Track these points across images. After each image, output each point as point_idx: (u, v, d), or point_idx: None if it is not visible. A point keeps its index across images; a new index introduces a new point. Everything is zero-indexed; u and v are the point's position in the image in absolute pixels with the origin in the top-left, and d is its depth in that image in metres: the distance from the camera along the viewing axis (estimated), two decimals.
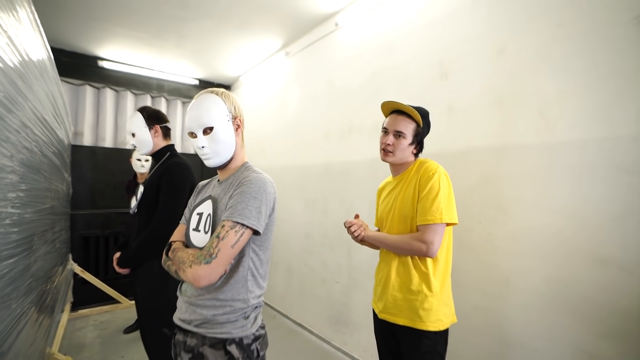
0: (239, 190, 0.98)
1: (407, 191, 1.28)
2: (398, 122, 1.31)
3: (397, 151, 1.31)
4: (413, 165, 1.33)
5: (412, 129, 1.31)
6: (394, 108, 1.35)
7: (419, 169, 1.28)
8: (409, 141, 1.30)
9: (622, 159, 1.28)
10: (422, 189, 1.23)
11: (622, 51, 1.29)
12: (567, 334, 1.39)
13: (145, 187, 1.66)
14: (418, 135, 1.32)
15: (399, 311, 1.25)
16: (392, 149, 1.31)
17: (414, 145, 1.32)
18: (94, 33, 3.24)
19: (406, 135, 1.30)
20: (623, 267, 1.26)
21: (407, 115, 1.31)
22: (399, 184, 1.34)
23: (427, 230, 1.19)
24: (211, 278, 0.89)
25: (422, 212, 1.20)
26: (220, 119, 1.05)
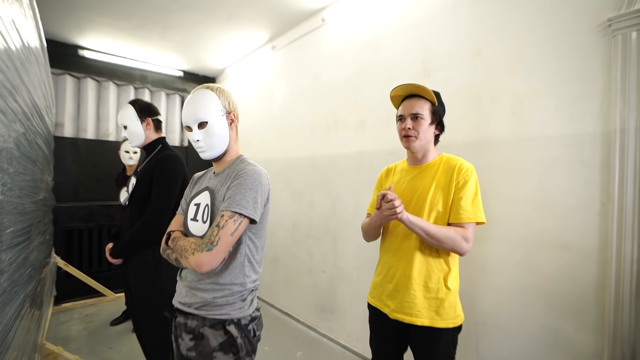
0: (236, 182, 1.04)
1: (438, 183, 1.23)
2: (413, 105, 1.26)
3: (420, 133, 1.24)
4: (439, 159, 1.28)
5: (428, 109, 1.25)
6: (406, 93, 1.29)
7: (449, 164, 1.24)
8: (428, 121, 1.25)
9: (584, 154, 1.42)
10: (461, 186, 1.19)
11: (586, 57, 1.42)
12: (534, 313, 1.53)
13: (137, 178, 1.68)
14: (436, 114, 1.26)
15: (418, 311, 1.19)
16: (413, 132, 1.24)
17: (434, 126, 1.27)
18: (75, 21, 3.16)
19: (424, 115, 1.24)
20: (582, 252, 1.41)
21: (420, 97, 1.26)
22: (422, 173, 1.28)
23: (470, 229, 1.17)
24: (213, 264, 0.96)
25: (464, 210, 1.17)
26: (214, 114, 1.10)
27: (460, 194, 1.19)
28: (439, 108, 1.28)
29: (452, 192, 1.20)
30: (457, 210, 1.18)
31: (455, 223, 1.19)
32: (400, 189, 1.33)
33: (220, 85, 1.18)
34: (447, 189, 1.21)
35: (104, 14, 2.99)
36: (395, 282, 1.25)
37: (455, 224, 1.19)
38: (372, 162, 2.35)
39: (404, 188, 1.32)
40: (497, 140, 1.69)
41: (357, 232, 2.44)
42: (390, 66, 2.25)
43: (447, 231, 1.16)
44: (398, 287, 1.24)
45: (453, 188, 1.20)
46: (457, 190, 1.20)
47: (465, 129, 1.82)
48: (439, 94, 1.30)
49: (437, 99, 1.27)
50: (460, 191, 1.19)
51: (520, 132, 1.61)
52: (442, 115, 1.31)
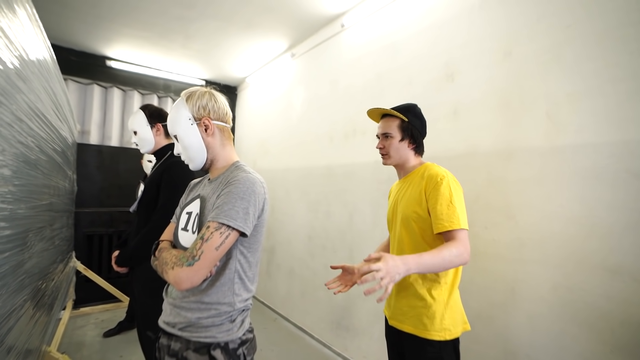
0: (226, 190, 0.95)
1: (411, 194, 1.25)
2: (382, 125, 1.35)
3: (391, 151, 1.32)
4: (419, 169, 1.30)
5: (396, 127, 1.31)
6: (379, 114, 1.38)
7: (424, 173, 1.25)
8: (397, 138, 1.30)
9: (633, 163, 1.23)
10: (431, 195, 1.17)
11: (634, 53, 1.24)
12: (575, 345, 1.33)
13: (145, 185, 1.65)
14: (406, 130, 1.30)
15: (405, 318, 1.22)
16: (385, 151, 1.34)
17: (406, 141, 1.31)
18: (102, 33, 3.27)
19: (392, 134, 1.31)
20: (634, 277, 1.20)
21: (390, 116, 1.33)
22: (404, 186, 1.32)
23: (458, 236, 1.11)
24: (193, 281, 0.86)
25: (439, 218, 1.13)
26: (181, 125, 1.04)
27: (432, 202, 1.17)
28: (409, 123, 1.31)
29: (424, 203, 1.20)
30: (435, 220, 1.15)
31: (438, 233, 1.16)
32: (392, 204, 1.40)
33: (197, 89, 1.09)
34: (418, 197, 1.22)
35: (128, 24, 3.07)
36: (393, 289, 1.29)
37: (441, 234, 1.15)
38: (390, 172, 2.21)
39: (393, 202, 1.38)
40: (529, 148, 1.52)
41: (375, 245, 2.30)
42: (411, 70, 2.12)
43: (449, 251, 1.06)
44: (391, 295, 1.30)
45: (424, 197, 1.20)
46: (428, 199, 1.18)
47: (493, 136, 1.66)
48: (412, 106, 1.34)
49: (407, 113, 1.30)
50: (431, 200, 1.17)
51: (557, 140, 1.44)
52: (418, 127, 1.32)
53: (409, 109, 1.33)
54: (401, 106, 1.34)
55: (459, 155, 1.80)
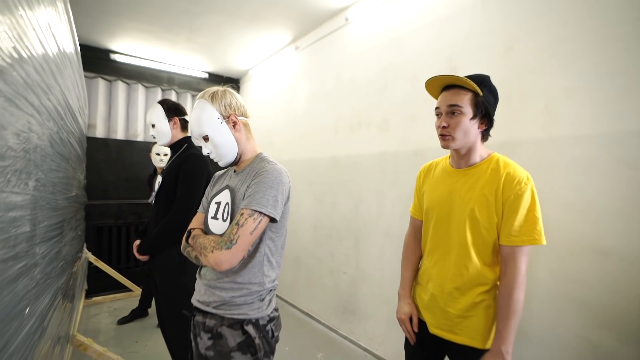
0: (256, 180, 1.03)
1: (482, 192, 1.06)
2: (449, 97, 1.08)
3: (458, 132, 1.06)
4: (488, 161, 1.11)
5: (469, 100, 1.06)
6: (443, 84, 1.12)
7: (498, 169, 1.07)
8: (469, 116, 1.06)
9: (624, 153, 1.32)
10: (512, 201, 1.02)
11: (627, 49, 1.32)
12: (570, 323, 1.44)
13: (163, 177, 1.73)
14: (480, 106, 1.06)
15: (457, 328, 1.11)
16: (449, 131, 1.07)
17: (477, 121, 1.08)
18: (107, 27, 3.30)
19: (463, 109, 1.05)
20: (624, 259, 1.31)
21: (461, 87, 1.08)
22: (465, 177, 1.13)
23: (524, 255, 1.03)
24: (232, 262, 0.95)
25: (515, 230, 1.01)
26: (211, 125, 1.09)
27: (512, 211, 1.02)
28: (483, 98, 1.07)
29: (499, 207, 1.04)
30: (508, 231, 1.03)
31: (506, 246, 1.04)
32: (436, 195, 1.19)
33: (217, 88, 1.14)
34: (492, 201, 1.04)
35: (133, 18, 3.10)
36: (430, 294, 1.17)
37: (506, 247, 1.05)
38: (395, 162, 2.30)
39: (442, 195, 1.16)
40: (528, 140, 1.61)
41: (380, 234, 2.40)
42: (415, 64, 2.19)
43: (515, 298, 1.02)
44: (435, 300, 1.15)
45: (501, 202, 1.03)
46: (507, 205, 1.03)
47: (494, 129, 1.72)
48: (486, 78, 1.11)
49: (482, 85, 1.07)
50: (511, 207, 1.02)
51: (554, 131, 1.52)
52: (492, 105, 1.11)
53: (483, 81, 1.09)
54: (475, 77, 1.09)
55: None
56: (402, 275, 1.32)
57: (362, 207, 2.58)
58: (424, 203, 1.26)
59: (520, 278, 1.03)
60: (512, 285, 1.02)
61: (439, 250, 1.17)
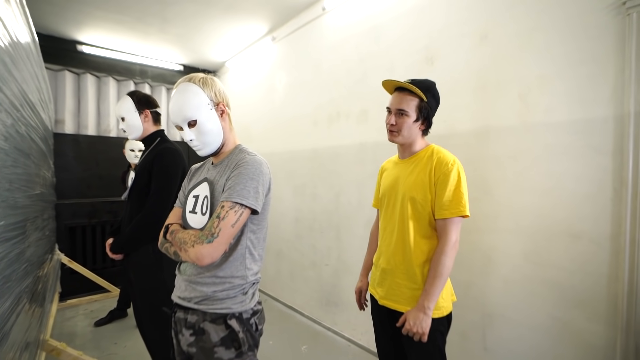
0: (236, 172, 1.00)
1: (418, 175, 1.24)
2: (400, 100, 1.26)
3: (403, 130, 1.26)
4: (425, 151, 1.29)
5: (414, 106, 1.24)
6: (395, 86, 1.30)
7: (432, 157, 1.24)
8: (413, 118, 1.24)
9: (595, 140, 1.36)
10: (440, 180, 1.19)
11: (598, 37, 1.36)
12: (543, 305, 1.49)
13: (136, 172, 1.66)
14: (423, 111, 1.25)
15: (401, 298, 1.24)
16: (396, 128, 1.27)
17: (419, 122, 1.26)
18: (72, 15, 3.12)
19: (409, 112, 1.24)
20: (594, 241, 1.36)
21: (410, 92, 1.25)
22: (408, 166, 1.30)
23: (454, 225, 1.18)
24: (213, 256, 0.92)
25: (445, 205, 1.18)
26: (202, 110, 1.05)
27: (441, 188, 1.19)
28: (427, 104, 1.26)
29: (432, 186, 1.21)
30: (440, 206, 1.19)
31: (440, 219, 1.20)
32: (387, 183, 1.38)
33: (204, 75, 1.11)
34: (426, 182, 1.22)
35: (101, 7, 2.94)
36: (381, 270, 1.33)
37: (439, 220, 1.21)
38: (375, 153, 2.30)
39: (391, 182, 1.35)
40: (504, 127, 1.64)
41: (361, 225, 2.41)
42: (392, 54, 2.19)
43: (442, 259, 1.16)
44: (384, 275, 1.31)
45: (433, 182, 1.21)
46: (437, 184, 1.20)
47: (470, 117, 1.77)
48: (432, 85, 1.28)
49: (427, 92, 1.25)
50: (440, 186, 1.19)
51: (528, 119, 1.55)
52: (433, 109, 1.29)
53: (429, 88, 1.26)
54: (422, 83, 1.26)
55: (439, 135, 1.89)
56: (364, 259, 1.54)
57: (342, 198, 2.57)
58: (380, 192, 1.44)
59: (449, 245, 1.17)
60: (442, 250, 1.17)
61: (388, 228, 1.33)
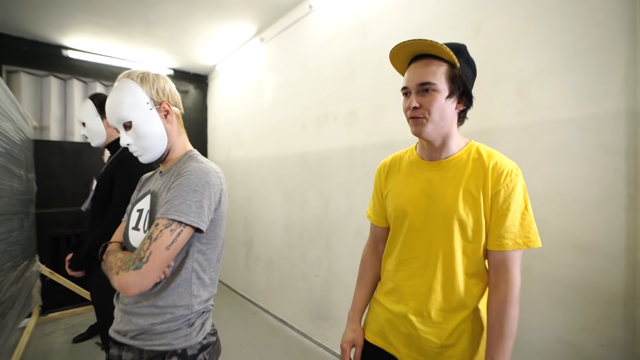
0: (176, 182, 0.86)
1: (466, 186, 0.87)
2: (421, 71, 0.85)
3: (433, 113, 0.85)
4: (466, 150, 0.92)
5: (444, 74, 0.84)
6: (411, 53, 0.88)
7: (481, 160, 0.88)
8: (445, 93, 0.85)
9: (603, 138, 1.20)
10: (501, 196, 0.84)
11: (605, 22, 1.20)
12: (549, 325, 1.32)
13: (98, 181, 1.52)
14: (457, 81, 0.85)
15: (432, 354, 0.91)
16: (422, 112, 0.85)
17: (455, 100, 0.87)
18: (55, 19, 3.02)
19: (437, 85, 0.83)
20: (606, 255, 1.19)
21: (432, 58, 0.85)
22: (442, 171, 0.91)
23: (518, 261, 0.85)
24: (142, 286, 0.77)
25: (510, 232, 0.84)
26: (138, 110, 0.91)
27: (503, 208, 0.84)
28: (461, 71, 0.86)
29: (487, 204, 0.85)
30: (499, 232, 0.84)
31: (497, 251, 0.85)
32: (407, 194, 0.95)
33: (146, 70, 0.97)
34: (479, 198, 0.85)
35: (83, 9, 2.84)
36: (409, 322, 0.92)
37: (496, 252, 0.85)
38: (364, 157, 2.15)
39: (415, 194, 0.94)
40: (500, 126, 1.48)
41: (350, 233, 2.25)
42: (381, 51, 2.04)
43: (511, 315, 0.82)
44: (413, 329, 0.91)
45: (489, 198, 0.85)
46: (495, 202, 0.85)
47: None
48: (463, 47, 0.89)
49: (459, 55, 0.86)
50: (502, 204, 0.84)
51: (527, 117, 1.40)
52: (470, 79, 0.90)
53: (460, 50, 0.87)
54: (448, 44, 0.86)
55: None
56: (355, 295, 1.12)
57: (331, 205, 2.42)
58: (388, 205, 1.01)
59: (515, 290, 0.83)
60: (507, 299, 0.83)
61: (416, 262, 0.93)
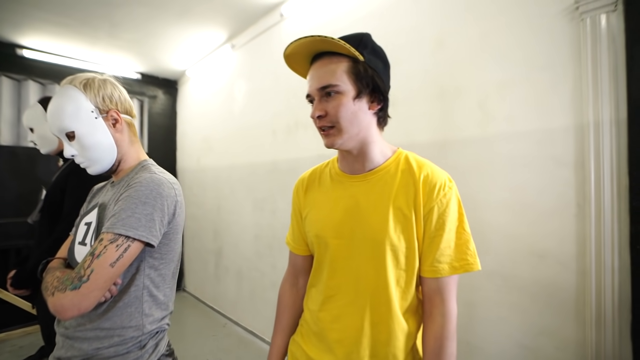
0: (125, 194, 0.81)
1: (395, 203, 0.74)
2: (319, 73, 0.73)
3: (341, 119, 0.71)
4: (395, 160, 0.79)
5: (345, 71, 0.71)
6: (310, 54, 0.76)
7: (411, 171, 0.76)
8: (351, 94, 0.71)
9: (556, 150, 1.27)
10: (434, 214, 0.73)
11: (554, 42, 1.27)
12: (510, 331, 1.36)
13: (48, 191, 1.42)
14: (364, 77, 0.71)
15: None
16: (329, 121, 0.73)
17: (366, 100, 0.73)
18: (6, 15, 2.82)
19: (340, 86, 0.71)
20: (559, 261, 1.24)
21: (331, 55, 0.73)
22: (368, 185, 0.78)
23: (454, 287, 0.74)
24: (81, 307, 0.70)
25: (446, 254, 0.73)
26: (81, 120, 0.86)
27: (436, 228, 0.73)
28: (367, 65, 0.72)
29: (419, 224, 0.74)
30: (434, 256, 0.73)
31: (431, 278, 0.74)
32: (328, 215, 0.80)
33: (91, 75, 0.92)
34: (409, 216, 0.73)
35: (40, 7, 2.68)
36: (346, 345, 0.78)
37: (431, 280, 0.74)
38: None
39: (337, 214, 0.79)
40: (463, 138, 1.53)
41: None
42: None
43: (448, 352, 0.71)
44: None
45: (422, 217, 0.74)
46: (428, 221, 0.74)
47: (429, 127, 1.66)
48: (366, 37, 0.75)
49: (365, 46, 0.72)
50: (435, 224, 0.73)
51: (489, 128, 1.45)
52: (381, 73, 0.75)
53: (362, 40, 0.73)
54: (349, 36, 0.74)
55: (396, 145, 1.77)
56: (272, 341, 0.94)
57: None
58: (308, 230, 0.85)
59: (452, 323, 0.73)
60: (444, 334, 0.71)
61: (343, 298, 0.78)
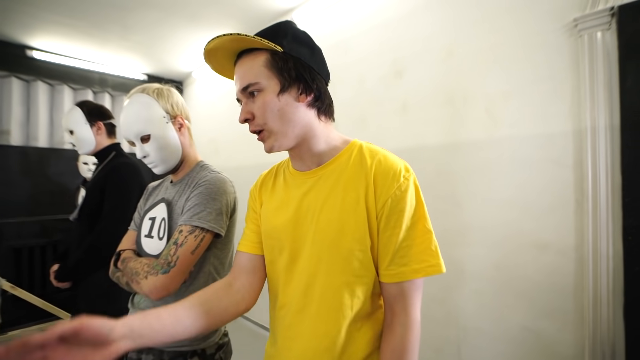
0: (196, 192, 0.93)
1: (345, 197, 0.65)
2: (238, 73, 0.68)
3: (270, 121, 0.66)
4: (346, 151, 0.71)
5: (263, 65, 0.65)
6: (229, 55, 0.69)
7: (363, 161, 0.67)
8: (275, 89, 0.65)
9: (556, 153, 1.41)
10: (390, 209, 0.63)
11: (554, 56, 1.42)
12: (515, 315, 1.51)
13: (87, 190, 1.51)
14: (284, 68, 0.65)
15: None
16: (257, 124, 0.67)
17: (293, 92, 0.66)
18: (18, 18, 2.88)
19: (260, 83, 0.65)
20: (559, 251, 1.39)
21: (250, 52, 0.67)
22: (318, 181, 0.70)
23: (417, 291, 0.66)
24: (170, 289, 0.83)
25: (404, 255, 0.63)
26: (156, 124, 0.98)
27: (392, 224, 0.63)
28: (289, 55, 0.66)
29: (373, 221, 0.64)
30: (391, 258, 0.64)
31: (390, 283, 0.65)
32: (284, 218, 0.71)
33: (160, 85, 1.04)
34: (362, 213, 0.64)
35: (51, 10, 2.74)
36: None
37: (390, 285, 0.65)
38: None
39: (290, 215, 0.70)
40: (472, 141, 1.66)
41: None
42: (361, 67, 2.19)
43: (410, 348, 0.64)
44: None
45: (375, 213, 0.64)
46: (384, 216, 0.64)
47: (439, 131, 1.79)
48: (285, 25, 0.70)
49: (284, 36, 0.66)
50: (390, 219, 0.63)
51: (495, 133, 1.59)
52: (308, 60, 0.68)
53: (280, 30, 0.68)
54: (266, 28, 0.69)
55: (409, 148, 1.90)
56: None
57: None
58: (262, 232, 0.78)
59: (413, 334, 0.65)
60: (404, 346, 0.63)
61: (293, 306, 0.70)
